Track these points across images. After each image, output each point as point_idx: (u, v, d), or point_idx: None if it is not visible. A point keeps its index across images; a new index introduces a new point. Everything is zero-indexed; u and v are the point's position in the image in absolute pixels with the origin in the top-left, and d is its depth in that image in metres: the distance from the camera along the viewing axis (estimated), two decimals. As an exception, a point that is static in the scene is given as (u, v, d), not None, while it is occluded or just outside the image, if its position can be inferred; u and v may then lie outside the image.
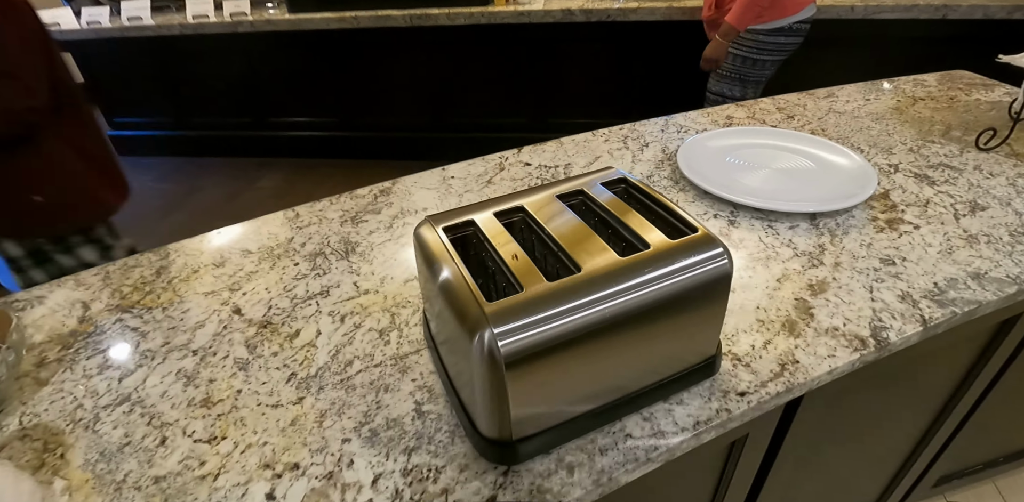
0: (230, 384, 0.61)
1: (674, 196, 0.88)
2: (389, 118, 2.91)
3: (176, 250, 0.86)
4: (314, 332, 0.66)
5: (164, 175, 3.13)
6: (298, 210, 0.93)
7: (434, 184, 0.95)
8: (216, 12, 2.68)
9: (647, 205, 0.55)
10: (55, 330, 0.73)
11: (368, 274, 0.75)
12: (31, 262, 1.21)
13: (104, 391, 0.62)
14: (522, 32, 2.40)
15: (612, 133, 1.08)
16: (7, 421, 0.61)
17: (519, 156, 1.02)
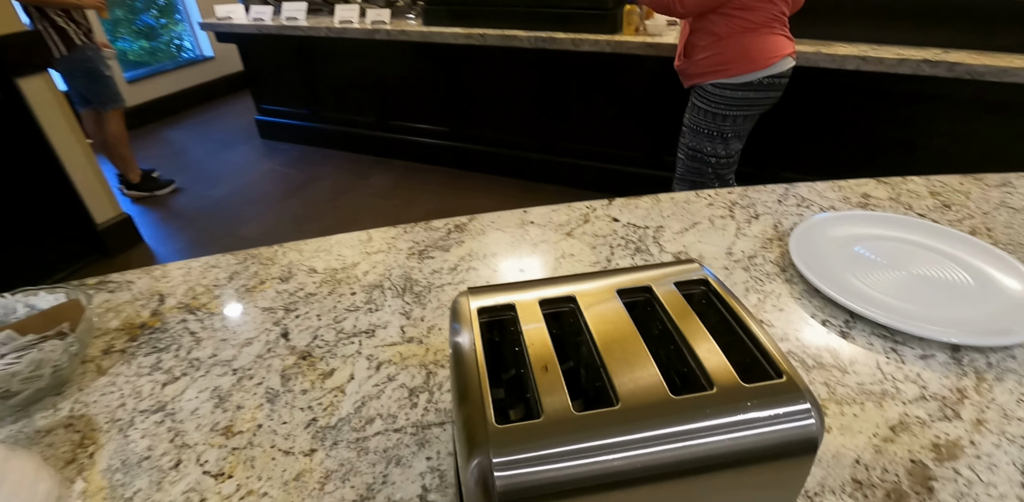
0: (254, 416, 0.60)
1: (777, 288, 0.76)
2: (500, 134, 2.94)
3: (253, 257, 0.89)
4: (347, 376, 0.65)
5: (291, 161, 3.39)
6: (372, 233, 0.93)
7: (511, 227, 0.92)
8: (360, 19, 2.87)
9: (727, 323, 0.47)
10: (129, 319, 0.78)
11: (417, 319, 0.73)
12: None
13: (147, 394, 0.65)
14: (648, 64, 2.32)
15: (719, 196, 0.99)
16: (62, 404, 0.65)
17: (608, 209, 0.96)
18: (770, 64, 1.63)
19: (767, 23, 1.61)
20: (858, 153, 2.27)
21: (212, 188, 3.08)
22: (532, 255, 0.85)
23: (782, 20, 1.65)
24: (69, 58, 2.56)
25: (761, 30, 1.62)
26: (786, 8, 1.64)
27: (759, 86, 1.67)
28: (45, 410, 0.64)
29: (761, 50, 1.62)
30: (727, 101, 1.72)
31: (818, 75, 2.05)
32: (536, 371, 0.41)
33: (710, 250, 0.83)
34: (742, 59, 1.63)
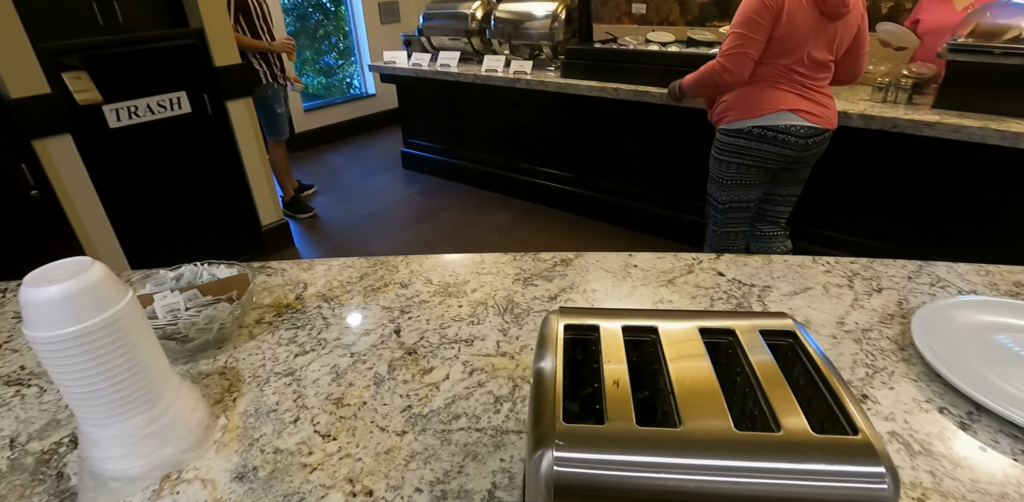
0: (361, 394, 0.70)
1: (890, 366, 0.72)
2: (622, 185, 3.01)
3: (382, 263, 1.03)
4: (444, 375, 0.72)
5: (425, 191, 3.74)
6: (484, 257, 1.03)
7: (614, 268, 0.97)
8: (504, 69, 3.17)
9: (809, 376, 0.48)
10: (278, 299, 0.93)
11: (513, 338, 0.79)
12: None
13: (282, 360, 0.77)
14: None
15: (839, 265, 0.96)
16: (220, 357, 0.79)
17: (715, 263, 0.97)
18: (761, 114, 1.70)
19: (773, 78, 1.69)
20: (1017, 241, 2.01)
21: (355, 207, 3.47)
22: (630, 296, 0.88)
23: (792, 78, 1.69)
24: (254, 93, 3.01)
25: (764, 83, 1.70)
26: (802, 68, 1.68)
27: (750, 135, 1.74)
28: (207, 358, 0.78)
29: (757, 101, 1.71)
30: (722, 146, 1.84)
31: (983, 152, 1.89)
32: (607, 385, 0.45)
33: (819, 317, 0.81)
34: (738, 107, 1.75)
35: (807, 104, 1.71)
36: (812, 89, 1.72)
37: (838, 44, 1.69)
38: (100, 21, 2.25)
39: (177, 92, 2.45)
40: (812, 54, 1.66)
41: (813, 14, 1.61)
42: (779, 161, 1.79)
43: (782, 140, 1.73)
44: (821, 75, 1.72)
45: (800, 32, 1.62)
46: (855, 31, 1.70)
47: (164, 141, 2.46)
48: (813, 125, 1.72)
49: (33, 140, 2.06)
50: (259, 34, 3.04)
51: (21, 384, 0.77)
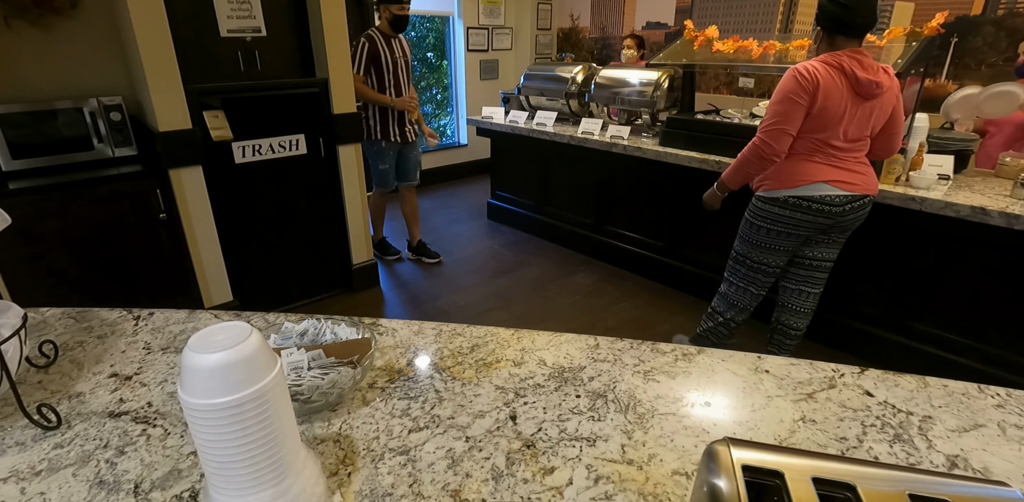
0: (480, 489, 0.65)
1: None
2: (713, 259, 2.90)
3: (492, 335, 1.00)
4: (567, 478, 0.67)
5: (509, 244, 3.78)
6: (599, 341, 0.98)
7: (743, 372, 0.89)
8: (600, 132, 3.20)
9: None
10: (390, 363, 0.92)
11: (639, 443, 0.73)
12: None
13: (396, 434, 0.75)
14: (908, 218, 2.12)
15: (1013, 398, 0.83)
16: (334, 421, 0.78)
17: (859, 378, 0.88)
18: (797, 185, 1.80)
19: (808, 152, 1.79)
20: None
21: (441, 254, 3.53)
22: (766, 408, 0.80)
23: (827, 152, 1.78)
24: (365, 145, 3.11)
25: (799, 156, 1.80)
26: (837, 142, 1.76)
27: (785, 204, 1.84)
28: (322, 421, 0.77)
29: (793, 173, 1.81)
30: (757, 211, 1.93)
31: None
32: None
33: (1000, 465, 0.70)
34: (774, 177, 1.85)
35: (842, 174, 1.79)
36: (847, 160, 1.80)
37: (873, 122, 1.78)
38: (242, 67, 2.50)
39: (297, 134, 2.64)
40: (847, 130, 1.75)
41: (848, 94, 1.70)
42: (810, 228, 1.87)
43: (816, 209, 1.81)
44: (857, 148, 1.81)
45: (835, 110, 1.71)
46: (890, 111, 1.78)
47: (279, 178, 2.64)
48: (849, 193, 1.80)
49: (170, 169, 2.27)
50: (386, 88, 3.02)
51: (148, 423, 0.78)
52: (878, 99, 1.73)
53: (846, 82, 1.69)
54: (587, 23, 5.53)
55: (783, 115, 1.72)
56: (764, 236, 1.93)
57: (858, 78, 1.67)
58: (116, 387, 0.86)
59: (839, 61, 1.69)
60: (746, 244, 2.00)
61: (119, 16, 2.20)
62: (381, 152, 3.16)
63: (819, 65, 1.70)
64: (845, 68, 1.68)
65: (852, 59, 1.69)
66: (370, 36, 2.96)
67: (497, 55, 5.66)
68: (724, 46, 2.87)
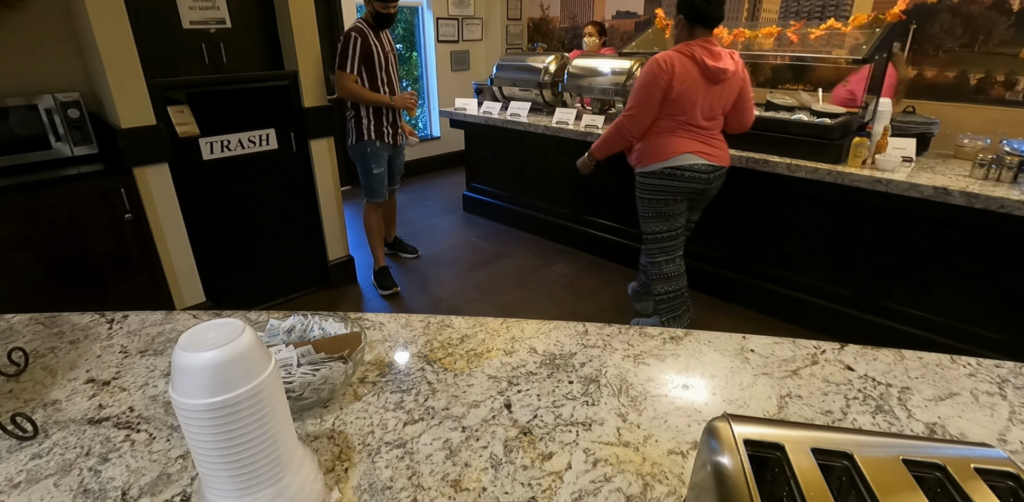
0: (479, 478, 0.66)
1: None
2: (697, 247, 2.94)
3: (481, 325, 1.00)
4: (565, 463, 0.67)
5: (486, 236, 3.76)
6: (588, 327, 0.99)
7: (729, 352, 0.91)
8: (575, 121, 3.21)
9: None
10: (379, 356, 0.91)
11: (634, 425, 0.74)
12: None
13: (391, 428, 0.74)
14: (875, 200, 2.20)
15: (983, 368, 0.87)
16: (327, 417, 0.77)
17: (840, 354, 0.90)
18: (668, 157, 2.08)
19: (674, 130, 2.06)
20: None
21: (417, 248, 3.50)
22: (754, 386, 0.82)
23: (689, 128, 2.06)
24: (353, 147, 2.82)
25: (667, 133, 2.07)
26: (696, 120, 2.04)
27: (662, 174, 2.11)
28: (314, 418, 0.76)
29: (664, 148, 2.08)
30: (641, 186, 2.20)
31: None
32: (821, 527, 0.40)
33: (975, 431, 0.73)
34: (650, 154, 2.12)
35: (704, 146, 2.09)
36: (707, 136, 2.09)
37: (724, 103, 2.07)
38: (207, 60, 2.42)
39: (267, 129, 2.58)
40: (703, 110, 2.04)
41: (700, 79, 1.97)
42: (688, 193, 2.15)
43: (688, 177, 2.10)
44: (714, 126, 2.11)
45: (690, 94, 1.99)
46: (737, 91, 2.08)
47: (250, 174, 2.58)
48: (711, 163, 2.09)
49: (135, 167, 2.19)
50: (379, 87, 2.73)
51: (131, 428, 0.76)
52: (726, 83, 2.02)
53: (697, 69, 1.96)
54: (557, 13, 5.50)
55: (642, 101, 2.01)
56: (655, 206, 2.20)
57: (707, 66, 1.94)
58: (94, 393, 0.84)
59: (691, 51, 1.95)
60: (646, 220, 2.26)
61: (74, 8, 2.10)
62: (376, 153, 2.82)
63: (675, 55, 1.95)
64: (696, 57, 1.94)
65: (703, 49, 1.96)
66: (361, 30, 2.61)
67: (468, 46, 5.60)
68: (694, 34, 2.89)
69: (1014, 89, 3.35)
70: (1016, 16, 3.29)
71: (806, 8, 4.35)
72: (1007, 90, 3.36)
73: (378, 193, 2.91)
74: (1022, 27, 3.27)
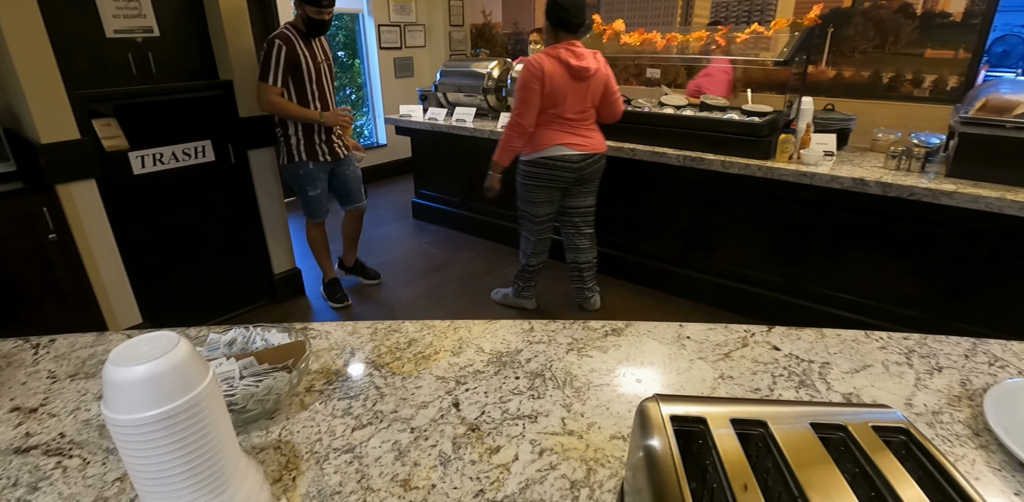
0: (428, 475, 0.67)
1: (969, 454, 0.70)
2: (640, 243, 3.03)
3: (429, 328, 1.01)
4: (512, 455, 0.70)
5: (437, 242, 3.75)
6: (533, 324, 1.01)
7: (667, 339, 0.96)
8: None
9: (932, 476, 0.47)
10: (326, 365, 0.91)
11: (578, 414, 0.77)
12: None
13: (339, 434, 0.74)
14: (801, 192, 2.34)
15: (893, 341, 0.95)
16: (273, 428, 0.76)
17: (768, 336, 0.97)
18: (542, 148, 2.35)
19: (548, 124, 2.32)
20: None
21: (367, 256, 3.45)
22: (690, 371, 0.87)
23: (561, 122, 2.32)
24: (285, 168, 2.63)
25: (542, 127, 2.33)
26: (567, 114, 2.30)
27: (537, 163, 2.38)
28: (259, 431, 0.75)
29: (540, 140, 2.35)
30: (521, 173, 2.46)
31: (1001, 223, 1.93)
32: (736, 489, 0.43)
33: (886, 397, 0.80)
34: (530, 146, 2.38)
35: (574, 138, 2.34)
36: (577, 127, 2.35)
37: (592, 96, 2.32)
38: (134, 71, 2.33)
39: (203, 141, 2.50)
40: (572, 105, 2.29)
41: (567, 77, 2.23)
42: (561, 181, 2.41)
43: (559, 166, 2.36)
44: (584, 118, 2.36)
45: (559, 91, 2.24)
46: (603, 87, 2.33)
47: (186, 188, 2.48)
48: (581, 152, 2.36)
49: (58, 184, 2.08)
50: (308, 101, 2.49)
51: (62, 455, 0.73)
52: (590, 80, 2.27)
53: (563, 69, 2.21)
54: (499, 19, 5.57)
55: (524, 99, 2.25)
56: (531, 191, 2.46)
57: (571, 65, 2.20)
58: (20, 421, 0.80)
59: (557, 52, 2.21)
60: (522, 201, 2.53)
61: (-20, 17, 1.97)
62: (309, 175, 2.60)
63: (543, 57, 2.21)
64: (562, 58, 2.20)
65: (567, 51, 2.21)
66: (287, 37, 2.36)
67: (411, 52, 5.58)
68: (631, 39, 3.00)
69: (921, 86, 3.63)
70: (920, 19, 3.57)
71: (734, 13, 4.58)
72: (915, 87, 3.64)
73: (318, 214, 2.75)
74: (925, 29, 3.56)
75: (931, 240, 2.15)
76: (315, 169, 2.61)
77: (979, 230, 2.02)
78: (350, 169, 2.77)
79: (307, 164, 2.58)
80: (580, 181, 2.46)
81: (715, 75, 3.89)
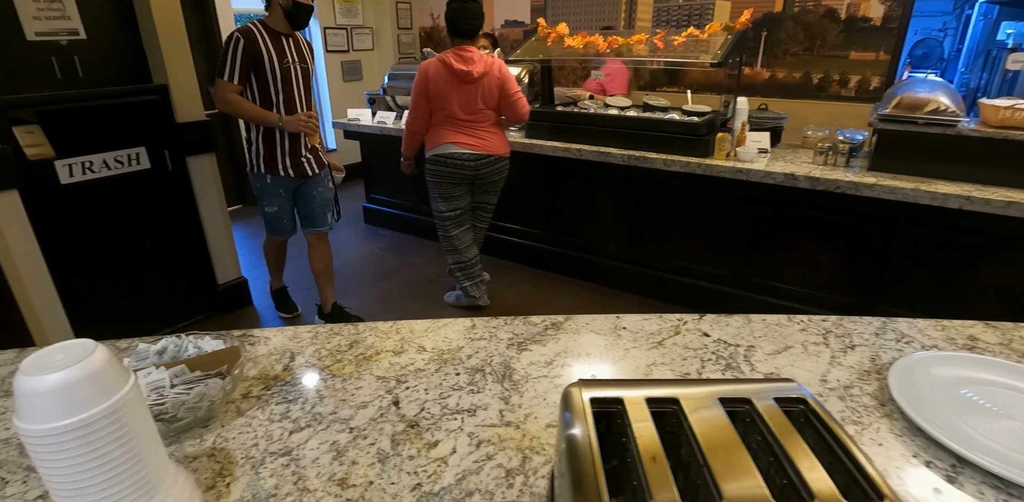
0: (366, 473, 0.67)
1: (875, 423, 0.75)
2: (588, 241, 3.09)
3: (371, 329, 1.01)
4: (450, 448, 0.71)
5: (389, 246, 3.72)
6: (475, 321, 1.03)
7: (604, 331, 0.99)
8: (474, 128, 3.26)
9: (826, 442, 0.51)
10: (265, 370, 0.90)
11: (516, 406, 0.79)
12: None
13: (276, 438, 0.74)
14: (739, 188, 2.44)
15: (812, 323, 1.02)
16: (207, 436, 0.75)
17: (699, 323, 1.01)
18: (436, 146, 2.50)
19: (442, 124, 2.48)
20: (962, 294, 2.18)
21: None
22: (624, 360, 0.90)
23: (453, 122, 2.46)
24: (250, 177, 2.41)
25: (437, 126, 2.50)
26: (457, 115, 2.44)
27: (433, 161, 2.53)
28: (193, 439, 0.74)
29: (435, 139, 2.51)
30: (425, 171, 2.60)
31: (917, 212, 2.07)
32: (645, 461, 0.46)
33: (803, 375, 0.85)
34: (428, 143, 2.54)
35: (464, 137, 2.47)
36: (470, 128, 2.48)
37: (484, 97, 2.43)
38: (59, 75, 2.22)
39: (136, 148, 2.40)
40: (461, 105, 2.42)
41: (452, 80, 2.38)
42: (458, 177, 2.53)
43: (450, 163, 2.49)
44: (478, 119, 2.48)
45: (443, 93, 2.39)
46: (497, 90, 2.44)
47: (119, 197, 2.38)
48: (471, 152, 2.47)
49: (-24, 196, 1.96)
50: (272, 102, 2.24)
51: (-22, 476, 0.70)
52: (479, 82, 2.40)
53: (447, 72, 2.37)
54: (445, 22, 5.57)
55: (413, 101, 2.46)
56: (435, 188, 2.59)
57: (454, 69, 2.35)
58: (-68, 443, 0.75)
59: (445, 56, 2.37)
60: (432, 199, 2.66)
61: None
62: (266, 189, 2.36)
63: (433, 61, 2.39)
64: (446, 62, 2.35)
65: (455, 55, 2.37)
66: (248, 31, 2.16)
67: (359, 56, 5.52)
68: (574, 42, 3.05)
69: (847, 86, 3.85)
70: (844, 24, 3.79)
71: (675, 17, 4.74)
72: (842, 87, 3.86)
73: (276, 231, 2.51)
74: (849, 33, 3.78)
75: (857, 230, 2.29)
76: (273, 184, 2.35)
77: (898, 219, 2.17)
78: (318, 190, 2.47)
79: (264, 177, 2.34)
80: (478, 180, 2.58)
81: (614, 74, 4.13)
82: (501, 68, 2.45)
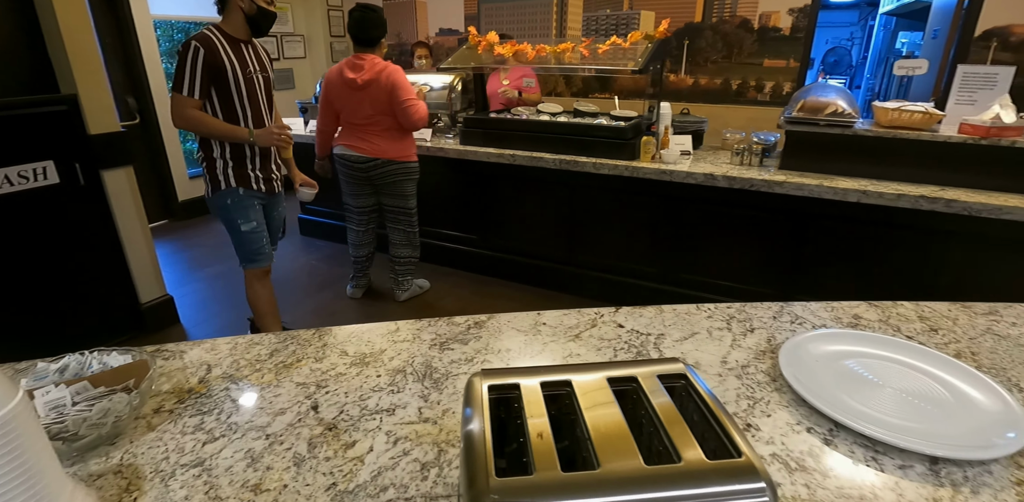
0: (281, 477, 0.67)
1: (766, 396, 0.83)
2: (524, 244, 3.14)
3: (292, 337, 1.01)
4: (367, 447, 0.72)
5: (327, 258, 3.64)
6: (400, 324, 1.04)
7: (525, 327, 1.03)
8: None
9: (701, 412, 0.56)
10: (179, 384, 0.88)
11: (434, 403, 0.81)
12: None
13: (188, 450, 0.73)
14: (664, 189, 2.56)
15: (717, 310, 1.09)
16: (114, 453, 0.73)
17: (615, 316, 1.07)
18: (334, 147, 2.75)
19: (342, 126, 2.71)
20: (867, 279, 2.36)
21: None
22: (542, 353, 0.94)
23: (347, 126, 2.68)
24: (211, 200, 2.13)
25: (341, 130, 2.74)
26: (351, 120, 2.62)
27: (332, 159, 2.82)
28: (98, 457, 0.72)
29: (336, 140, 2.75)
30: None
31: (824, 206, 2.24)
32: (532, 438, 0.50)
33: (706, 358, 0.91)
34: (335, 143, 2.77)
35: (354, 140, 2.66)
36: (363, 132, 2.64)
37: (373, 104, 2.55)
38: (-49, 86, 2.07)
39: (43, 161, 2.26)
40: (352, 111, 2.60)
41: (343, 87, 2.56)
42: (354, 177, 2.75)
43: (344, 164, 2.73)
44: (370, 124, 2.61)
45: (339, 99, 2.60)
46: (385, 98, 2.52)
47: (25, 214, 2.23)
48: (359, 154, 2.65)
49: None
50: (239, 116, 2.05)
51: None
52: (367, 90, 2.52)
53: (340, 79, 2.55)
54: (379, 30, 5.53)
55: (320, 104, 2.69)
56: (342, 184, 2.82)
57: (343, 76, 2.53)
58: None
59: (340, 65, 2.56)
60: (343, 194, 2.86)
61: None
62: (240, 204, 2.12)
63: (334, 68, 2.58)
64: (340, 70, 2.54)
65: (349, 62, 2.55)
66: (206, 38, 1.94)
67: (290, 64, 5.40)
68: (503, 50, 3.12)
69: (763, 91, 4.11)
70: (757, 33, 4.04)
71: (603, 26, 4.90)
72: (758, 92, 4.12)
73: (257, 255, 2.21)
74: (763, 42, 4.03)
75: (772, 225, 2.45)
76: (246, 196, 2.13)
77: (807, 214, 2.34)
78: (277, 210, 2.33)
79: (236, 190, 2.10)
80: (372, 181, 2.74)
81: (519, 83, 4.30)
82: (390, 76, 2.49)
